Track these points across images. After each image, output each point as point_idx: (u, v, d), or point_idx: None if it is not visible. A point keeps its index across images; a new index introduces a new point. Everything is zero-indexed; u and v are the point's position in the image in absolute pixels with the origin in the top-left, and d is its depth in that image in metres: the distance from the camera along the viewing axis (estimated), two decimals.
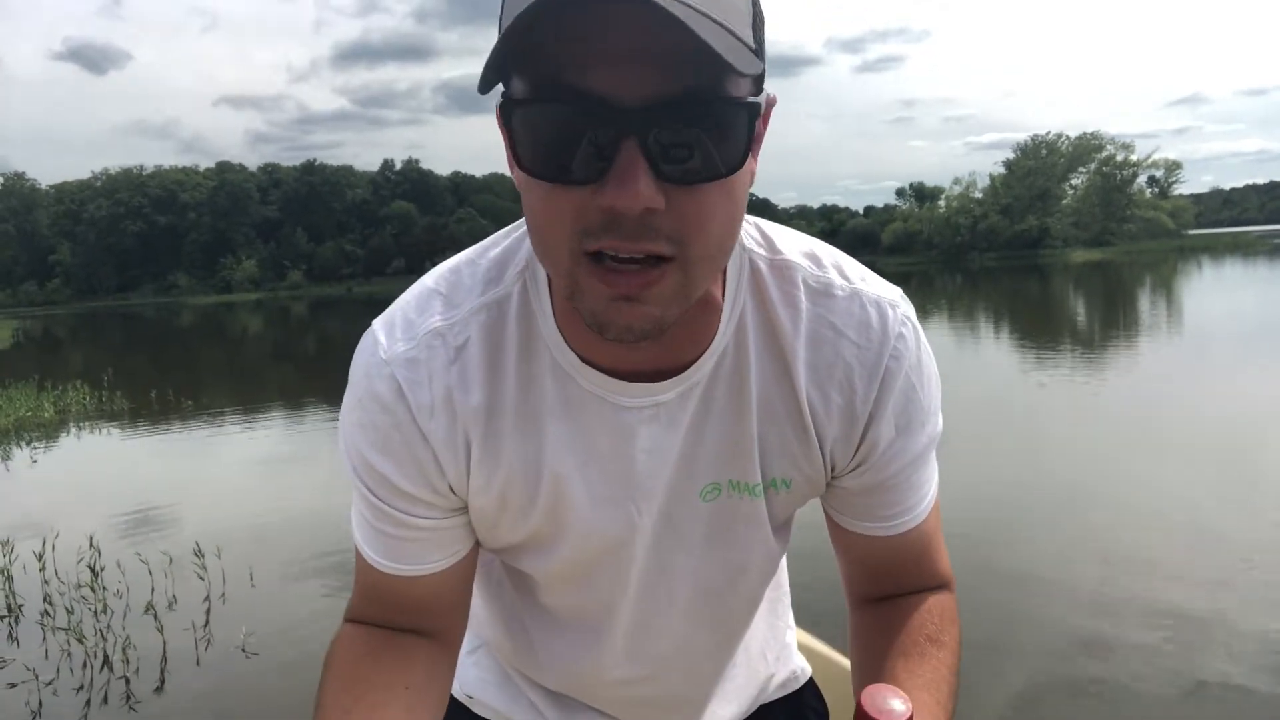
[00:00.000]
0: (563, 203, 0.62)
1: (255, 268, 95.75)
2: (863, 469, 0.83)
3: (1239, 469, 5.39)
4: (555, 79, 0.59)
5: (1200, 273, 30.22)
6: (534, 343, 0.79)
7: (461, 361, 0.78)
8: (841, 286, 0.81)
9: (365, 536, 0.84)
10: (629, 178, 0.59)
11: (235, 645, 3.63)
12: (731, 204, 0.65)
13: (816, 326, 0.80)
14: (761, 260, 0.81)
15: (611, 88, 0.58)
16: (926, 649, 0.84)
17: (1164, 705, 2.81)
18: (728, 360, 0.80)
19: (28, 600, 4.19)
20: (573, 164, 0.61)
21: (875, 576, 0.92)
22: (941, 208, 73.10)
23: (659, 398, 0.79)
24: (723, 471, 0.82)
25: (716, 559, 0.87)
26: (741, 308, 0.80)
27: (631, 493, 0.82)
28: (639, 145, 0.59)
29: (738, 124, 0.62)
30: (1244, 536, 4.17)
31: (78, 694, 3.33)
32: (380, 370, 0.77)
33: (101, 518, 5.53)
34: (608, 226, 0.61)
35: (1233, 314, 15.85)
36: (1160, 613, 3.44)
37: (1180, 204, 69.54)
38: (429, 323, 0.79)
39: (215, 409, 11.01)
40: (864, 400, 0.80)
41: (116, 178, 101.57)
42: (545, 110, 0.61)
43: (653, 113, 0.58)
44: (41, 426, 10.18)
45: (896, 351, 0.80)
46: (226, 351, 22.98)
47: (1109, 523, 4.50)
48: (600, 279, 0.63)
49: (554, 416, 0.79)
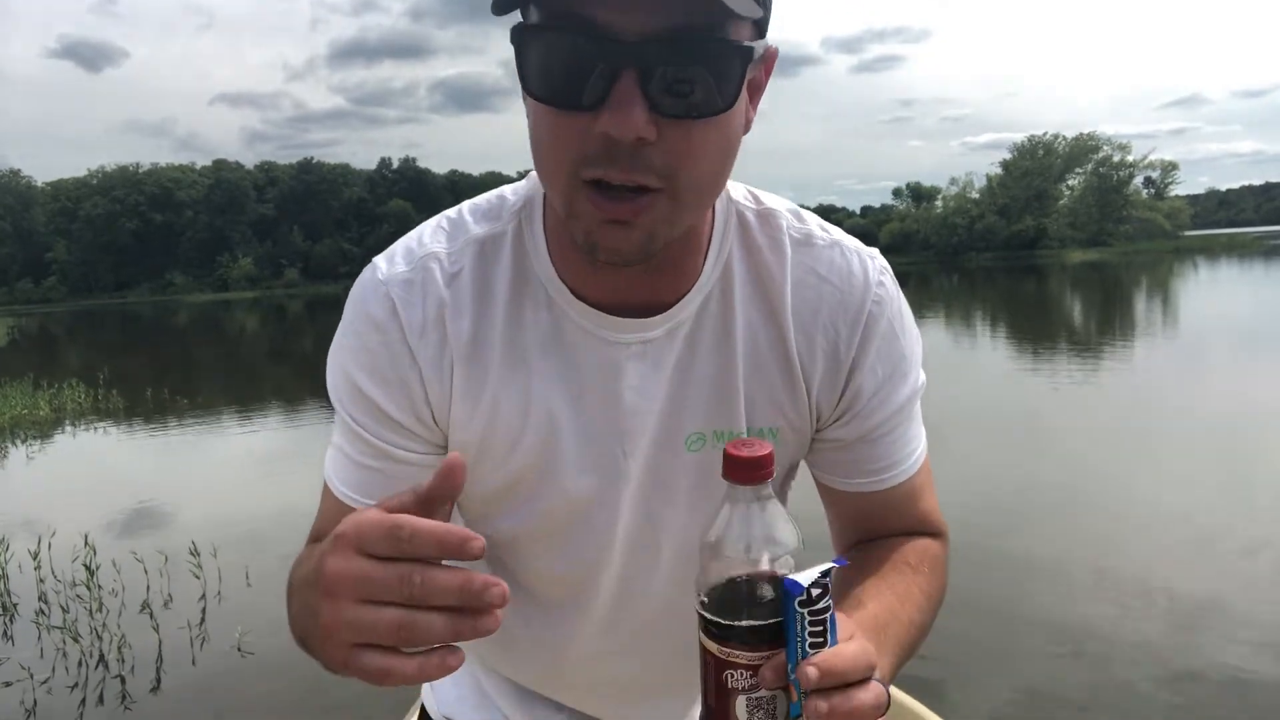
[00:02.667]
0: (565, 128, 0.66)
1: (252, 266, 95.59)
2: (848, 417, 0.84)
3: (1236, 468, 5.40)
4: (565, 9, 0.63)
5: (1196, 274, 30.28)
6: (526, 278, 0.81)
7: (455, 287, 0.80)
8: (822, 237, 0.84)
9: (339, 469, 0.84)
10: (625, 106, 0.62)
11: (231, 644, 3.63)
12: (723, 142, 0.69)
13: (800, 273, 0.82)
14: (748, 210, 0.84)
15: (615, 20, 0.61)
16: (900, 568, 0.84)
17: (1162, 704, 2.82)
18: (713, 301, 0.81)
19: (23, 599, 4.18)
20: (575, 91, 0.64)
21: (865, 531, 0.92)
22: (938, 208, 73.23)
23: (647, 334, 0.80)
24: (708, 420, 0.82)
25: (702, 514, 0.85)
26: (728, 252, 0.82)
27: (619, 434, 0.82)
28: (636, 77, 0.62)
29: (732, 65, 0.65)
30: (1241, 535, 4.18)
31: (73, 692, 3.33)
32: (376, 290, 0.80)
33: (97, 516, 5.52)
34: (604, 155, 0.64)
35: (1228, 315, 15.88)
36: (1158, 614, 3.45)
37: (1176, 205, 69.68)
38: (428, 248, 0.82)
39: (211, 407, 10.99)
40: (847, 345, 0.82)
41: (113, 175, 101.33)
42: (553, 38, 0.65)
43: (651, 47, 0.62)
44: (37, 424, 10.16)
45: (878, 297, 0.82)
46: (223, 350, 22.93)
47: (1106, 523, 4.51)
48: (594, 203, 0.67)
49: (543, 351, 0.80)
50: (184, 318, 45.74)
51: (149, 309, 63.29)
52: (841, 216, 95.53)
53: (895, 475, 0.87)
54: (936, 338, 13.41)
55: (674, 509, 0.85)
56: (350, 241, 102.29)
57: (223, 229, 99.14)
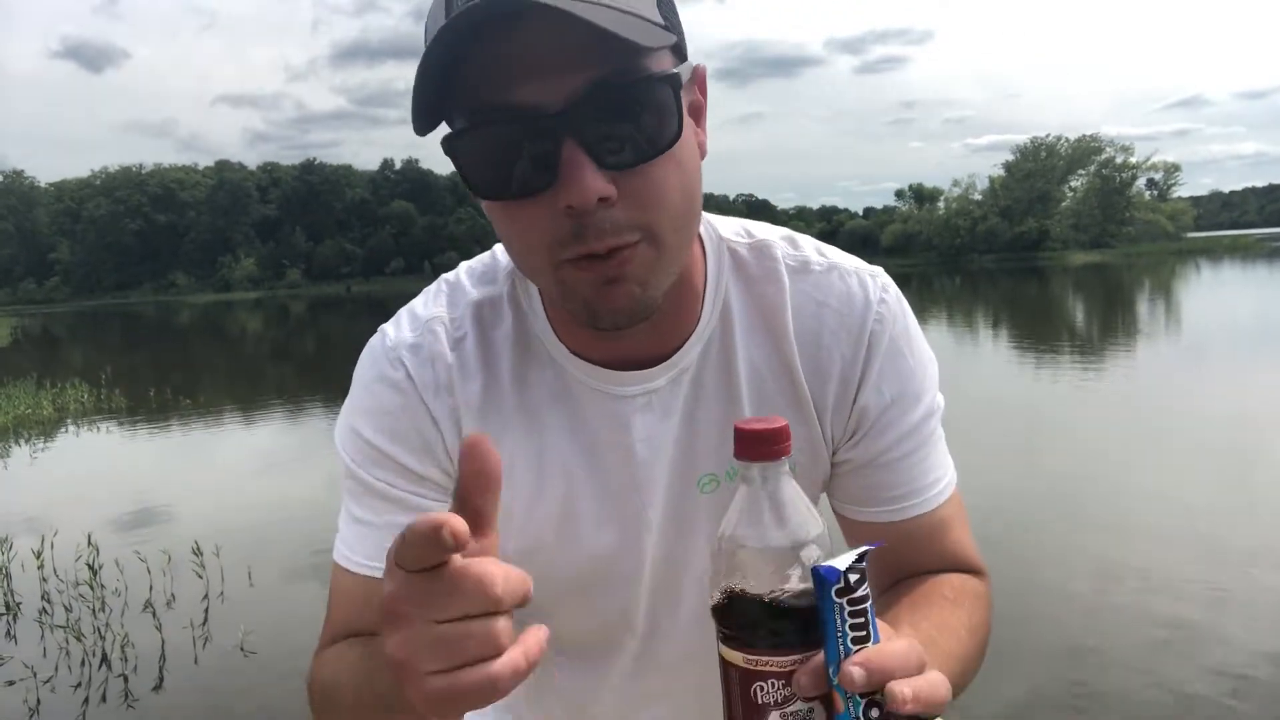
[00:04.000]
0: (527, 218, 0.66)
1: (254, 266, 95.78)
2: (858, 438, 0.83)
3: (1238, 471, 5.39)
4: (485, 103, 0.63)
5: (1199, 276, 30.24)
6: (528, 340, 0.81)
7: (460, 351, 0.80)
8: (818, 262, 0.83)
9: (356, 544, 0.80)
10: (576, 174, 0.62)
11: (233, 644, 3.63)
12: (682, 175, 0.68)
13: (800, 300, 0.81)
14: (741, 245, 0.84)
15: (535, 97, 0.61)
16: (936, 600, 0.80)
17: (1163, 704, 2.82)
18: (714, 344, 0.81)
19: (26, 598, 4.19)
20: (523, 178, 0.64)
21: (890, 569, 0.87)
22: (941, 209, 73.12)
23: (651, 384, 0.80)
24: (719, 461, 0.82)
25: None
26: (725, 291, 0.82)
27: (635, 486, 0.82)
28: (577, 142, 0.62)
29: (665, 97, 0.64)
30: (1243, 539, 4.18)
31: (76, 691, 3.34)
32: (388, 355, 0.80)
33: (100, 516, 5.52)
34: (575, 233, 0.64)
35: (1232, 317, 15.85)
36: (1157, 616, 3.44)
37: (1179, 207, 69.60)
38: (431, 313, 0.82)
39: (214, 407, 11.01)
40: (851, 365, 0.81)
41: (115, 176, 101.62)
42: (484, 136, 0.65)
43: (580, 109, 0.61)
44: (40, 424, 10.18)
45: (879, 315, 0.81)
46: (225, 350, 22.96)
47: (1109, 523, 4.51)
48: (582, 270, 0.66)
49: (552, 409, 0.81)
50: (186, 318, 45.80)
51: (152, 309, 63.37)
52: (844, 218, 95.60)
53: (916, 505, 0.83)
54: (939, 340, 13.39)
55: (694, 551, 0.84)
56: (353, 242, 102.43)
57: (225, 229, 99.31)
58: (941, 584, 0.83)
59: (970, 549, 0.88)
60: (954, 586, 0.83)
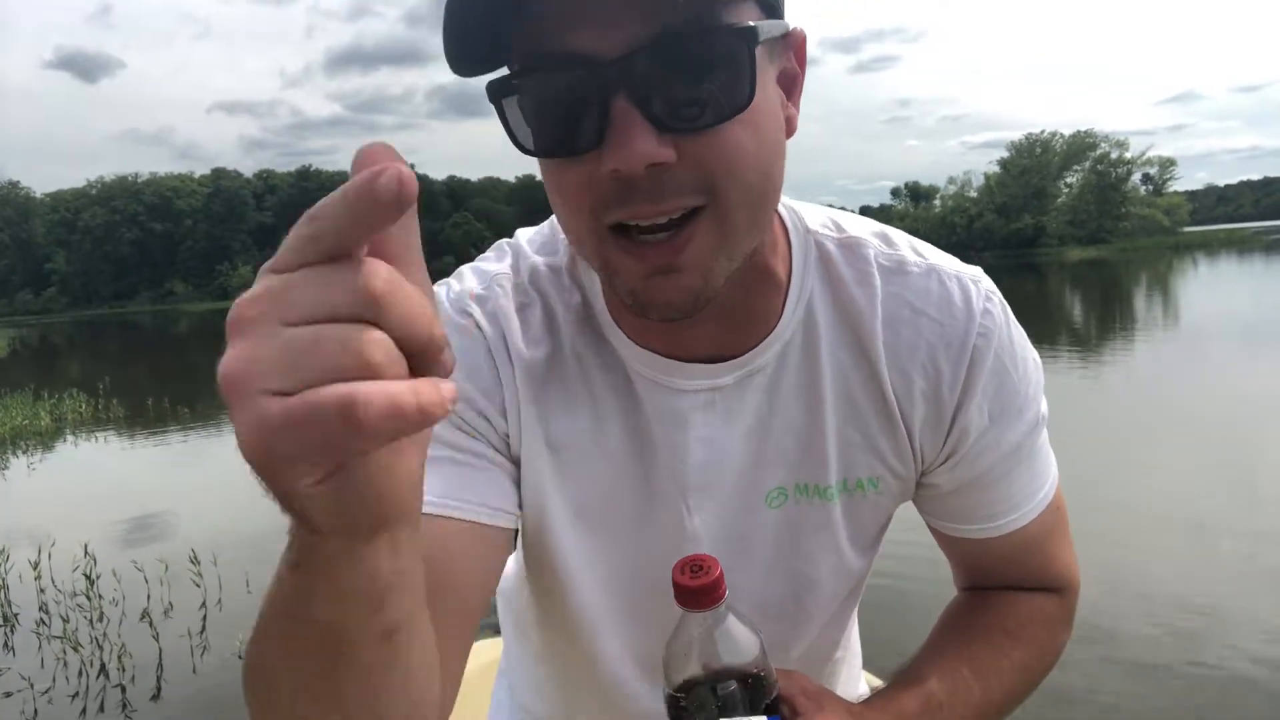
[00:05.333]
0: (571, 178, 0.59)
1: (252, 274, 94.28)
2: (954, 461, 0.75)
3: (1237, 463, 5.39)
4: (536, 48, 0.55)
5: (1196, 269, 30.28)
6: (587, 316, 0.74)
7: (525, 317, 0.74)
8: (916, 263, 0.75)
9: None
10: (625, 134, 0.54)
11: (231, 652, 3.61)
12: (758, 144, 0.59)
13: (893, 306, 0.73)
14: (829, 240, 0.75)
15: (592, 43, 0.54)
16: (993, 637, 0.78)
17: (1165, 703, 2.81)
18: (795, 347, 0.73)
19: (23, 608, 4.17)
20: (569, 133, 0.56)
21: (977, 578, 0.85)
22: (937, 207, 73.41)
23: (716, 380, 0.72)
24: (790, 474, 0.75)
25: (782, 573, 0.78)
26: (810, 290, 0.73)
27: (682, 490, 0.74)
28: (629, 98, 0.54)
29: (737, 52, 0.55)
30: (1245, 531, 4.17)
31: (74, 702, 3.32)
32: (456, 304, 0.73)
33: (97, 526, 5.51)
34: (622, 195, 0.56)
35: (1229, 311, 15.86)
36: (1162, 611, 3.44)
37: (1175, 201, 69.74)
38: (497, 269, 0.76)
39: (212, 416, 10.98)
40: (951, 383, 0.72)
41: (112, 185, 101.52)
42: (529, 84, 0.57)
43: (639, 60, 0.53)
44: (38, 435, 10.16)
45: (984, 328, 0.72)
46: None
47: (1109, 519, 4.50)
48: (630, 254, 0.59)
49: (607, 395, 0.74)
50: (184, 327, 45.77)
51: (149, 318, 63.35)
52: None
53: (1010, 522, 0.78)
54: None
55: (750, 570, 0.76)
56: None
57: (222, 237, 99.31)
58: (1006, 615, 0.80)
59: (1060, 561, 0.83)
60: (1020, 616, 0.80)
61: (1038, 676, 0.80)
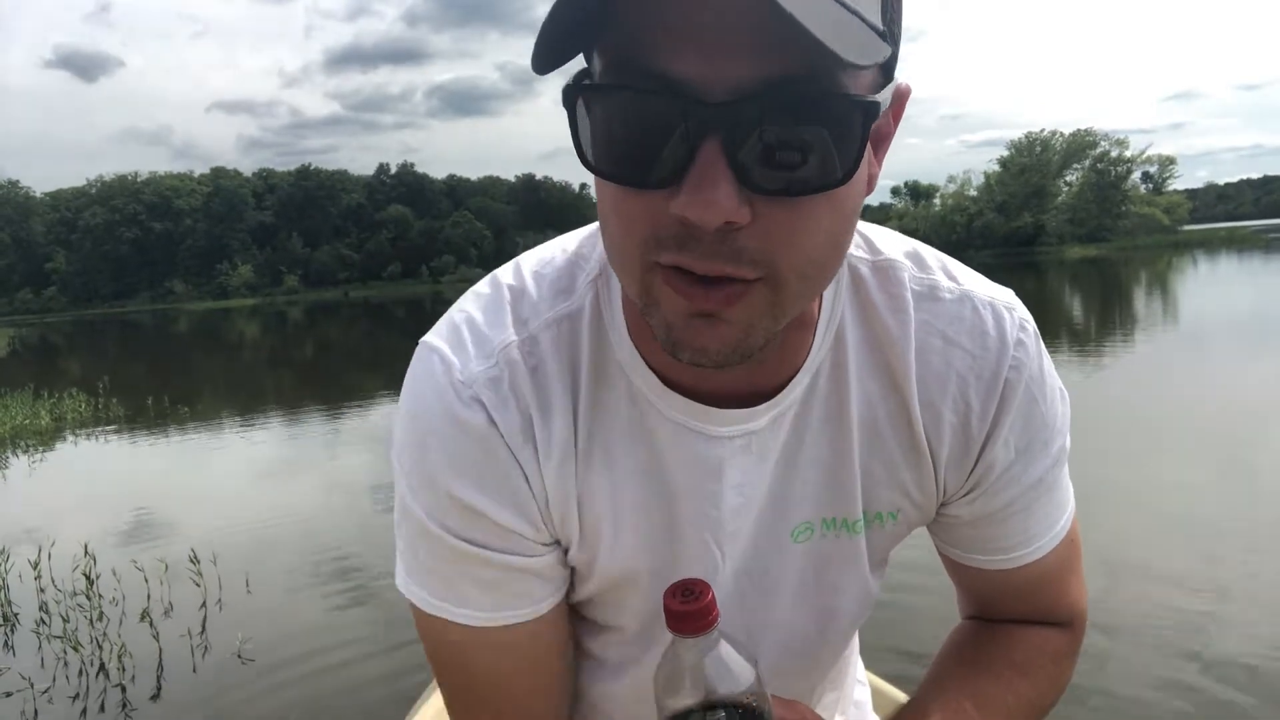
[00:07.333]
0: (635, 208, 0.54)
1: (251, 273, 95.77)
2: (975, 494, 0.74)
3: (1238, 462, 5.39)
4: (627, 62, 0.50)
5: (1196, 268, 30.28)
6: (607, 365, 0.69)
7: (539, 384, 0.68)
8: (949, 289, 0.71)
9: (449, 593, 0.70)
10: (707, 184, 0.49)
11: (231, 652, 3.61)
12: (838, 220, 0.55)
13: (925, 335, 0.70)
14: (863, 264, 0.71)
15: (695, 74, 0.48)
16: (1002, 671, 0.76)
17: (1165, 703, 2.81)
18: (823, 379, 0.70)
19: (23, 608, 4.16)
20: (644, 165, 0.51)
21: (984, 608, 0.83)
22: (937, 206, 73.31)
23: (751, 425, 0.68)
24: (818, 508, 0.72)
25: (807, 608, 0.77)
26: (840, 318, 0.70)
27: (719, 539, 0.72)
28: (722, 146, 0.49)
29: (849, 125, 0.51)
30: (1246, 529, 4.17)
31: (73, 702, 3.32)
32: (461, 393, 0.66)
33: (97, 525, 5.50)
34: (682, 241, 0.52)
35: (1230, 309, 15.86)
36: (1163, 609, 3.44)
37: (1175, 199, 69.64)
38: (503, 337, 0.69)
39: (212, 415, 10.99)
40: (981, 417, 0.70)
41: (111, 185, 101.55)
42: (614, 99, 0.52)
43: (743, 106, 0.48)
44: (38, 434, 10.15)
45: (1016, 361, 0.70)
46: (223, 358, 22.93)
47: (1109, 517, 4.50)
48: (677, 290, 0.54)
49: (625, 449, 0.69)
50: (184, 326, 45.77)
51: (149, 318, 63.34)
52: None
53: (1025, 555, 0.76)
54: None
55: (776, 605, 0.75)
56: (349, 247, 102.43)
57: (221, 237, 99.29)
58: (1013, 648, 0.79)
59: (1071, 594, 0.81)
60: (1027, 650, 0.79)
61: (1043, 712, 0.79)
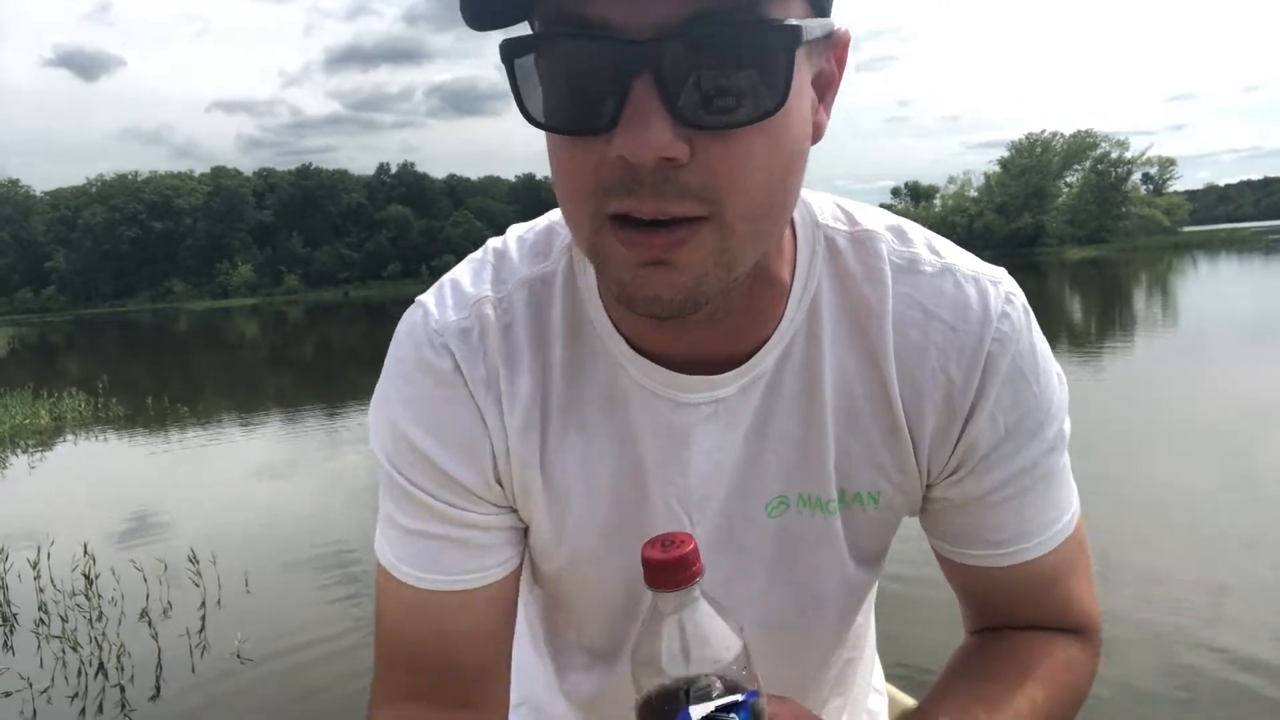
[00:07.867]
0: (577, 158, 0.54)
1: (251, 273, 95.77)
2: (961, 473, 0.71)
3: (1237, 462, 5.39)
4: (558, 14, 0.51)
5: (1196, 269, 30.27)
6: (580, 326, 0.70)
7: (509, 340, 0.70)
8: (930, 262, 0.70)
9: (399, 548, 0.72)
10: (641, 121, 0.50)
11: (230, 651, 3.61)
12: (777, 155, 0.55)
13: (903, 308, 0.68)
14: (840, 235, 0.71)
15: (621, 16, 0.49)
16: (1010, 674, 0.72)
17: (1165, 702, 2.80)
18: (797, 349, 0.69)
19: (22, 608, 4.16)
20: (581, 111, 0.52)
21: (989, 615, 0.79)
22: (937, 207, 73.26)
23: (719, 392, 0.68)
24: (791, 483, 0.71)
25: (784, 586, 0.75)
26: (815, 288, 0.69)
27: (686, 506, 0.72)
28: (653, 82, 0.50)
29: (774, 53, 0.51)
30: (1246, 529, 4.17)
31: (72, 702, 3.31)
32: (433, 339, 0.69)
33: (97, 525, 5.50)
34: (627, 186, 0.52)
35: (1230, 310, 15.86)
36: (1163, 608, 3.43)
37: (1175, 200, 69.67)
38: (480, 292, 0.71)
39: (212, 415, 10.98)
40: (963, 391, 0.68)
41: (111, 184, 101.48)
42: (545, 48, 0.53)
43: (669, 43, 0.49)
44: (37, 434, 10.14)
45: (1000, 334, 0.68)
46: (223, 357, 22.93)
47: (1109, 517, 4.50)
48: (623, 241, 0.55)
49: (600, 414, 0.70)
50: (184, 325, 45.76)
51: (149, 317, 63.33)
52: None
53: (1023, 550, 0.72)
54: None
55: (750, 580, 0.74)
56: (350, 247, 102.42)
57: (222, 236, 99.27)
58: (1022, 651, 0.75)
59: (1081, 600, 0.77)
60: (1037, 654, 0.75)
61: None
